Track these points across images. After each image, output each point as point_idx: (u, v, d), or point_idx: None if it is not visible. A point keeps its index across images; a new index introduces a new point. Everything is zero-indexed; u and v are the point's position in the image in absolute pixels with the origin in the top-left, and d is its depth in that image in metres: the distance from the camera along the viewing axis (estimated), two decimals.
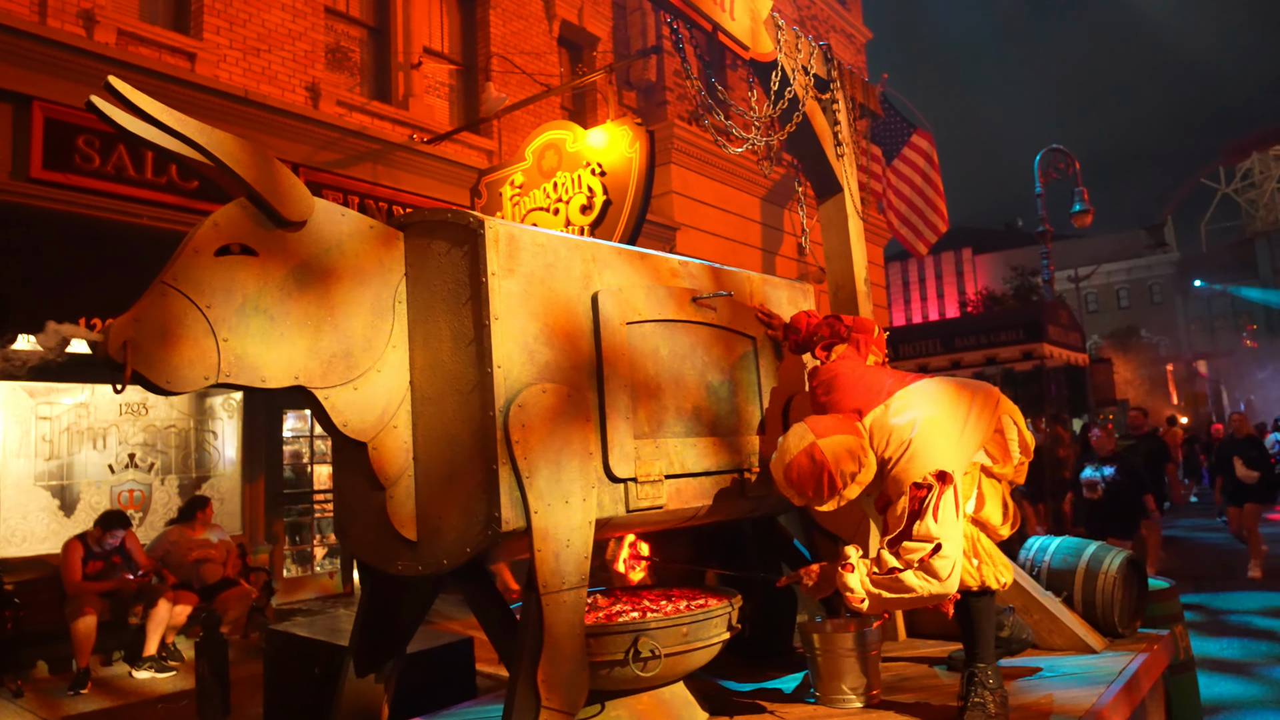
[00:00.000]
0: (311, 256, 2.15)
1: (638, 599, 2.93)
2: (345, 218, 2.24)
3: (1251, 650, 6.20)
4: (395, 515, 2.23)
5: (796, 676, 3.11)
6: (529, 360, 2.22)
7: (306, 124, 7.75)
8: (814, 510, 3.10)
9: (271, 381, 2.06)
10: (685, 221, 11.55)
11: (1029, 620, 3.29)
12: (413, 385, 2.28)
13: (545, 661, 2.09)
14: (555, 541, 2.16)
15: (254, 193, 2.06)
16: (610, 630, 2.52)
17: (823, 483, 2.42)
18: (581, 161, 7.40)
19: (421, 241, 2.31)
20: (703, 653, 2.66)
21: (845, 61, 17.05)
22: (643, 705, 2.65)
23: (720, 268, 2.97)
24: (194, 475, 7.77)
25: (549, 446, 2.18)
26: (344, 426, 2.17)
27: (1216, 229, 60.00)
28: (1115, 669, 2.91)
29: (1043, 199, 14.16)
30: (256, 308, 2.04)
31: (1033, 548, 3.59)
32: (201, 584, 6.59)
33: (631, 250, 2.63)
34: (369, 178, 8.21)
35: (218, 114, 7.03)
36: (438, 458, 2.23)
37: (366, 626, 2.52)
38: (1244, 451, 8.96)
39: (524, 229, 2.31)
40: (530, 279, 2.27)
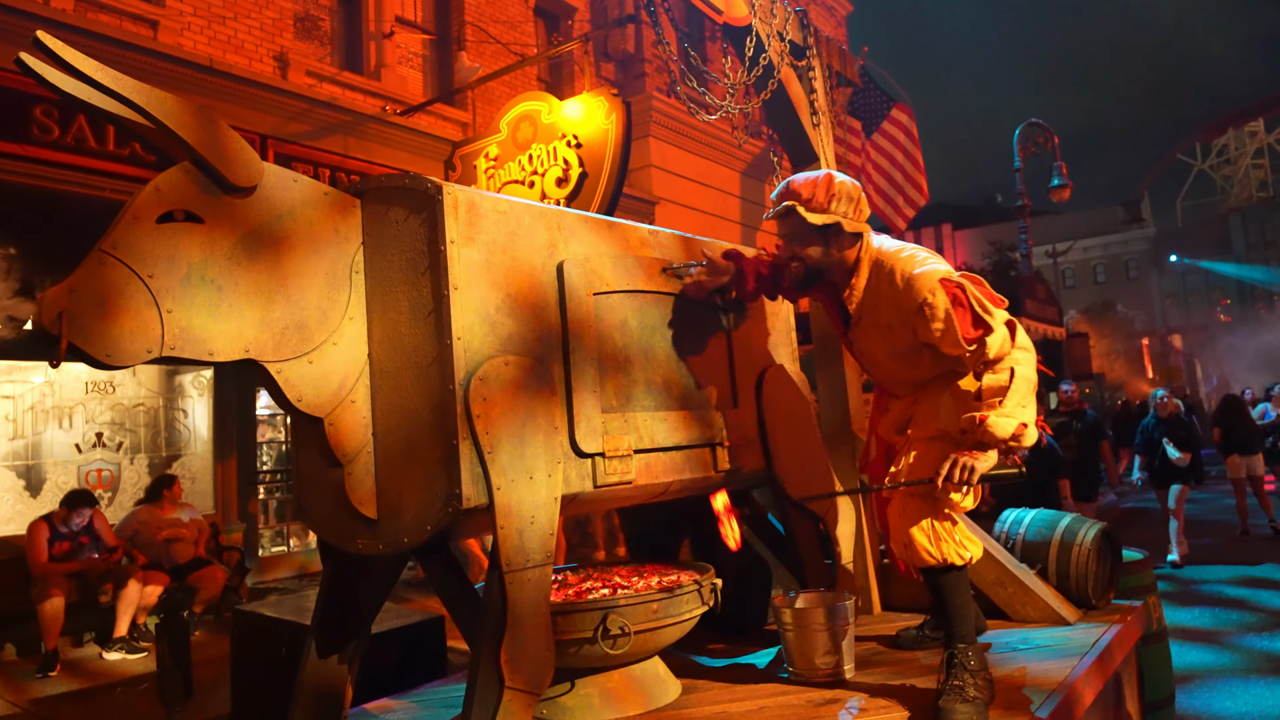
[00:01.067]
0: (262, 224, 2.05)
1: (609, 575, 2.89)
2: (298, 184, 2.15)
3: (1222, 619, 6.28)
4: (354, 493, 2.16)
5: (770, 652, 3.08)
6: (491, 332, 2.15)
7: (275, 94, 7.57)
8: (787, 485, 3.07)
9: (220, 355, 1.97)
10: (664, 196, 11.45)
11: (1003, 593, 3.28)
12: (371, 358, 2.20)
13: (508, 641, 2.03)
14: (519, 518, 2.10)
15: (198, 156, 1.95)
16: (578, 608, 2.48)
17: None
18: (557, 133, 7.28)
19: (379, 209, 2.22)
20: (674, 629, 2.63)
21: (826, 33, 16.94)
22: (613, 683, 2.61)
23: (691, 237, 2.90)
24: (164, 454, 7.64)
25: (512, 421, 2.11)
26: (298, 402, 2.08)
27: (1192, 205, 60.57)
28: (1089, 641, 2.90)
29: (1021, 173, 14.16)
30: (203, 277, 1.94)
31: (1008, 520, 3.57)
32: (172, 564, 6.49)
33: (599, 219, 2.55)
34: (340, 150, 8.04)
35: (181, 83, 6.85)
36: (397, 433, 2.15)
37: (328, 606, 2.46)
38: (1173, 433, 8.61)
39: (485, 195, 2.22)
40: (492, 247, 2.19)
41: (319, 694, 2.43)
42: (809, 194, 2.43)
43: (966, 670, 2.35)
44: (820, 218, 2.42)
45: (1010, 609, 3.26)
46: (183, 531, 6.65)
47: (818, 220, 2.41)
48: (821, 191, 2.42)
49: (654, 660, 2.73)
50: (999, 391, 2.27)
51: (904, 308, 2.42)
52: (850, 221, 2.44)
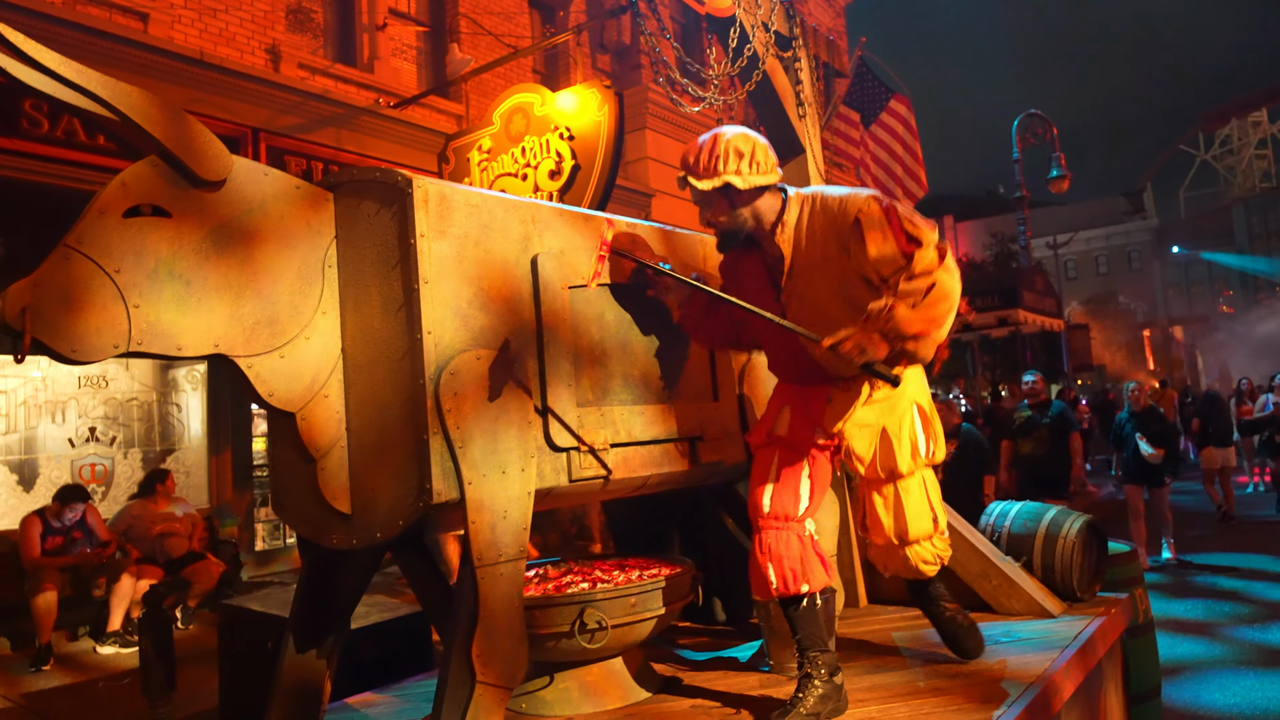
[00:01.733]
0: (231, 218, 2.04)
1: (590, 570, 2.88)
2: (268, 177, 2.13)
3: (1215, 611, 6.28)
4: (327, 487, 2.15)
5: (753, 645, 3.08)
6: (462, 325, 2.13)
7: (266, 87, 7.55)
8: None
9: (189, 350, 1.96)
10: (660, 188, 11.41)
11: (988, 586, 3.28)
12: (345, 352, 2.19)
13: (480, 636, 2.03)
14: (491, 513, 2.09)
15: (165, 150, 1.94)
16: (556, 602, 2.48)
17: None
18: (550, 125, 7.25)
19: (351, 202, 2.21)
20: (653, 623, 2.62)
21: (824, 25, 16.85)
22: (592, 676, 2.61)
23: (671, 229, 2.88)
24: (158, 448, 7.64)
25: (484, 415, 2.10)
26: (269, 396, 2.08)
27: (1195, 195, 60.35)
28: (1071, 633, 2.90)
29: (1020, 165, 14.11)
30: (171, 272, 1.93)
31: (993, 513, 3.57)
32: (166, 558, 6.50)
33: (574, 211, 2.53)
34: (333, 143, 8.02)
35: (172, 76, 6.84)
36: (370, 428, 2.14)
37: (306, 601, 2.45)
38: (1146, 426, 8.07)
39: (456, 188, 2.21)
40: (464, 241, 2.17)
41: (297, 688, 2.42)
42: (694, 162, 2.35)
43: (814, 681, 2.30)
44: (708, 183, 2.33)
45: (995, 602, 3.25)
46: (176, 526, 6.66)
47: (705, 186, 2.33)
48: (705, 156, 2.33)
49: (634, 653, 2.73)
50: (915, 294, 2.16)
51: (840, 228, 2.31)
52: (747, 177, 2.32)
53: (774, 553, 2.38)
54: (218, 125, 7.19)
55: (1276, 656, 5.12)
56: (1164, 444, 8.04)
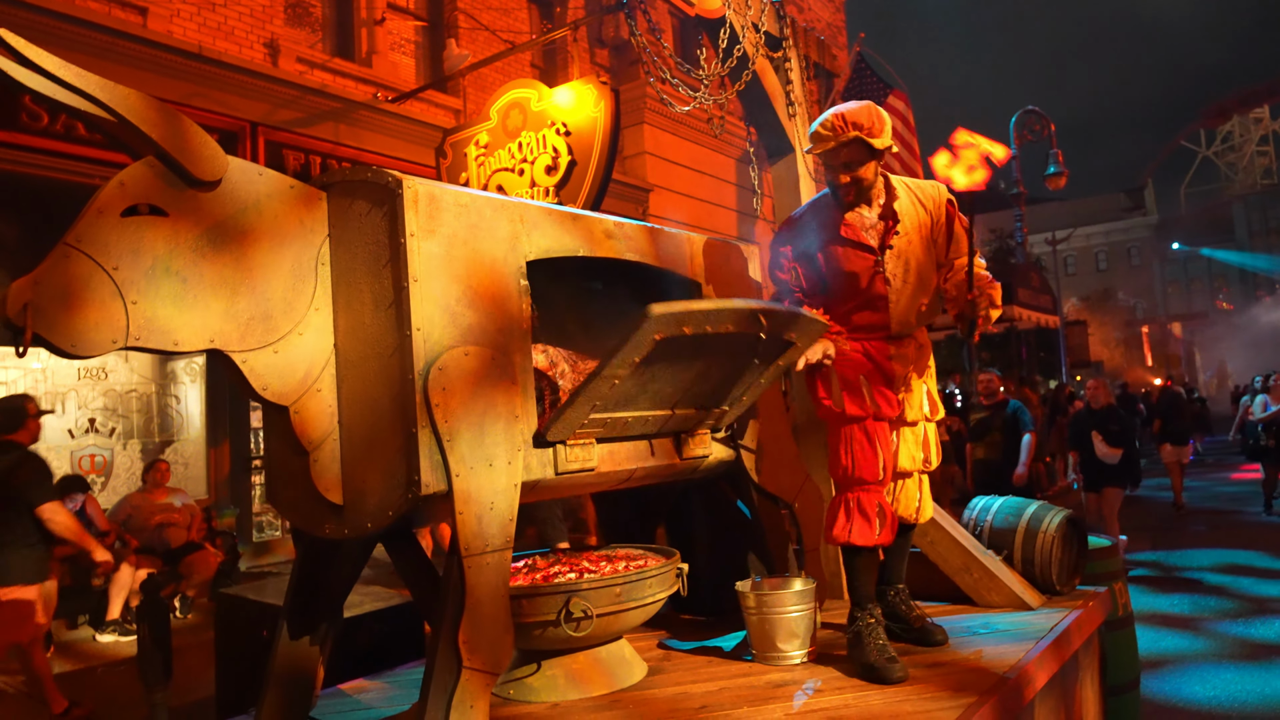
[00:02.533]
0: (227, 217, 2.10)
1: (577, 560, 2.95)
2: (263, 177, 2.19)
3: (1200, 606, 6.35)
4: (320, 479, 2.22)
5: (739, 635, 3.14)
6: (451, 323, 2.20)
7: (265, 81, 7.59)
8: (755, 473, 3.13)
9: (185, 345, 2.02)
10: (658, 183, 11.47)
11: (969, 579, 3.35)
12: (337, 348, 2.25)
13: (466, 623, 2.09)
14: (478, 504, 2.15)
15: (162, 151, 2.00)
16: (542, 591, 2.54)
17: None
18: (546, 121, 7.30)
19: (344, 202, 2.27)
20: (638, 612, 2.69)
21: (824, 18, 16.87)
22: (578, 664, 2.68)
23: (657, 228, 2.94)
24: (157, 439, 7.71)
25: (471, 409, 2.17)
26: (263, 391, 2.14)
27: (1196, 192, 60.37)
28: (1047, 626, 2.96)
29: (1017, 161, 14.16)
30: (167, 270, 1.99)
31: (976, 507, 3.63)
32: (165, 548, 6.58)
33: (563, 211, 2.59)
34: (331, 137, 8.07)
35: (171, 71, 6.88)
36: (361, 421, 2.21)
37: (300, 589, 2.52)
38: (1104, 425, 7.63)
39: (446, 189, 2.26)
40: (452, 240, 2.23)
41: (291, 675, 2.49)
42: (867, 124, 2.68)
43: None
44: (878, 142, 2.70)
45: (976, 594, 3.32)
46: (175, 516, 6.74)
47: (879, 144, 2.70)
48: (876, 121, 2.70)
49: (620, 642, 2.80)
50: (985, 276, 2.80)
51: (936, 202, 2.85)
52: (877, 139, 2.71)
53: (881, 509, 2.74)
54: (216, 119, 7.26)
55: (1258, 651, 5.19)
56: (1122, 445, 7.64)
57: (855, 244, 2.78)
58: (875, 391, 2.78)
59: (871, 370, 2.82)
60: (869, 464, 2.73)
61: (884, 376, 2.83)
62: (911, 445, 2.92)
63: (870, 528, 2.72)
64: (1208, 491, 13.48)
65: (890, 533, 2.75)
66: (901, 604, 2.99)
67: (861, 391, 2.75)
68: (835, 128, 2.68)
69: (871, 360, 2.83)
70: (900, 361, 2.86)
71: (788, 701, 2.44)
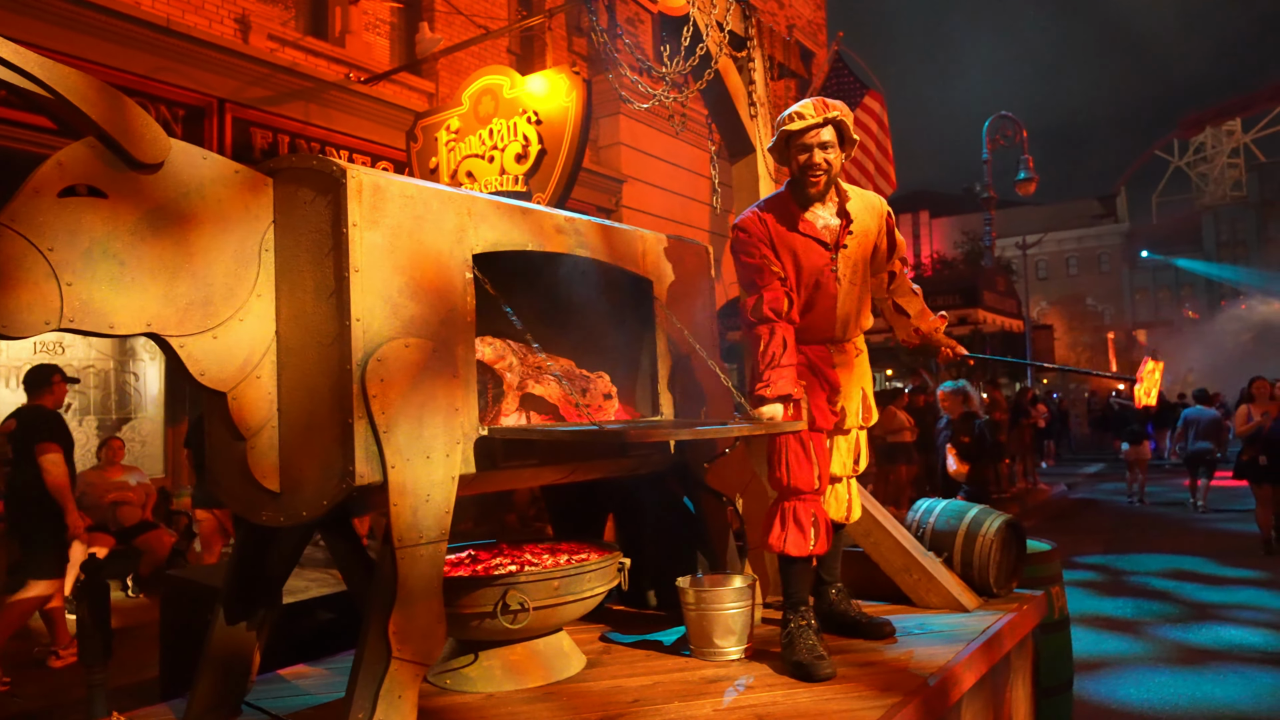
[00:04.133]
0: (168, 200, 2.09)
1: (520, 553, 2.97)
2: (207, 161, 2.18)
3: (1144, 610, 6.50)
4: (257, 466, 2.22)
5: (679, 630, 3.18)
6: (392, 314, 2.20)
7: (234, 58, 7.49)
8: (700, 468, 3.16)
9: (121, 328, 2.01)
10: (632, 174, 11.46)
11: (909, 580, 3.41)
12: (278, 335, 2.25)
13: (398, 614, 2.11)
14: (414, 496, 2.17)
15: (103, 132, 1.98)
16: (480, 583, 2.56)
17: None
18: (518, 109, 7.25)
19: (290, 189, 2.26)
20: (576, 606, 2.72)
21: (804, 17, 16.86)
22: (516, 656, 2.70)
23: (610, 224, 2.96)
24: (114, 416, 7.62)
25: (410, 401, 2.18)
26: (201, 375, 2.14)
27: (1168, 201, 61.27)
28: (980, 628, 3.03)
29: (989, 165, 14.31)
30: (105, 252, 1.98)
31: (919, 509, 3.70)
32: (119, 526, 6.51)
33: (512, 204, 2.60)
34: (300, 116, 7.98)
35: (137, 43, 6.77)
36: (300, 409, 2.21)
37: (238, 574, 2.52)
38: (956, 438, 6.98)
39: (392, 179, 2.27)
40: (397, 231, 2.24)
41: (227, 659, 2.49)
42: (845, 113, 2.81)
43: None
44: (851, 134, 2.82)
45: (915, 595, 3.38)
46: (130, 495, 6.67)
47: (852, 135, 2.82)
48: (849, 116, 2.83)
49: (559, 634, 2.83)
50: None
51: (879, 215, 2.95)
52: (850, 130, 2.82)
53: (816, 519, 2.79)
54: (183, 95, 7.16)
55: (1194, 656, 5.33)
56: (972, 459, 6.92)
57: (813, 239, 2.82)
58: (813, 404, 2.83)
59: (813, 381, 2.86)
60: (804, 474, 2.78)
61: (827, 385, 2.88)
62: (844, 453, 2.98)
63: (804, 538, 2.77)
64: (1163, 497, 13.77)
65: (825, 542, 2.81)
66: (843, 602, 3.08)
67: (800, 403, 2.78)
68: (816, 108, 2.75)
69: (814, 370, 2.87)
70: (843, 369, 2.92)
71: (718, 697, 2.48)
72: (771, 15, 14.11)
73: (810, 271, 2.81)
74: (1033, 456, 15.46)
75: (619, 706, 2.45)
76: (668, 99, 3.56)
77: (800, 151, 2.78)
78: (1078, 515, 12.21)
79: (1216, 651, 5.40)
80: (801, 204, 2.85)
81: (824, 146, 2.76)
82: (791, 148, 2.81)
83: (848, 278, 2.85)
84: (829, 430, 2.89)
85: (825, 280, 2.81)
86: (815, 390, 2.85)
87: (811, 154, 2.76)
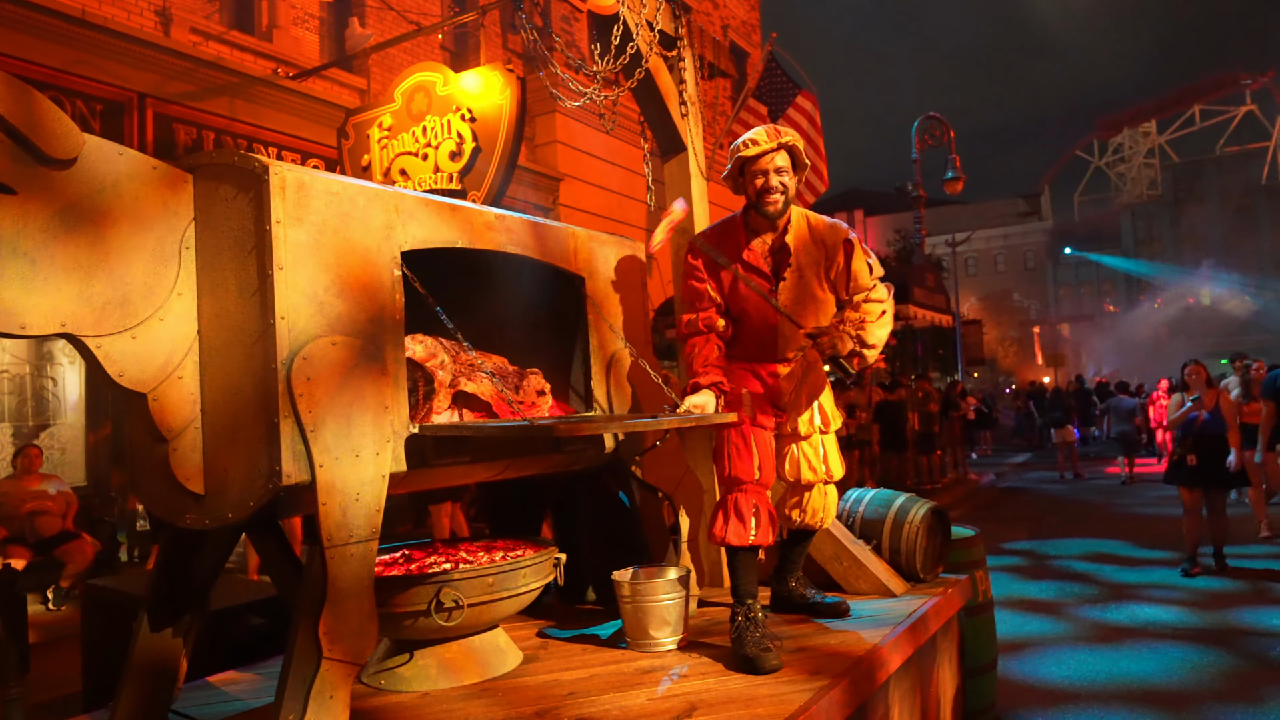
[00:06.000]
0: (82, 197, 2.03)
1: (454, 551, 2.96)
2: (123, 157, 2.12)
3: (1066, 592, 6.76)
4: (180, 468, 2.17)
5: (616, 624, 3.21)
6: (318, 312, 2.18)
7: (155, 51, 7.26)
8: (634, 463, 3.20)
9: (33, 329, 1.95)
10: (569, 172, 11.44)
11: (839, 568, 3.50)
12: (201, 334, 2.21)
13: (327, 614, 2.09)
14: (343, 495, 2.15)
15: (10, 127, 1.91)
16: (413, 581, 2.55)
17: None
18: (452, 106, 7.21)
19: (210, 185, 2.22)
20: (510, 602, 2.72)
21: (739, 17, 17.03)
22: (451, 654, 2.70)
23: (541, 222, 2.97)
24: (31, 423, 7.32)
25: (337, 400, 2.16)
26: (119, 377, 2.09)
27: (1089, 200, 63.66)
28: (906, 611, 3.13)
29: (918, 165, 14.68)
30: (15, 250, 1.92)
31: (849, 498, 3.79)
32: (37, 537, 6.26)
33: (441, 202, 2.59)
34: (226, 112, 7.78)
35: (52, 36, 6.53)
36: (224, 410, 2.17)
37: (162, 580, 2.46)
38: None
39: (317, 175, 2.24)
40: (322, 228, 2.22)
41: (151, 667, 2.43)
42: (795, 140, 2.89)
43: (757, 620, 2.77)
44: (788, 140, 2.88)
45: (845, 582, 3.47)
46: (49, 504, 6.41)
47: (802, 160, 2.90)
48: (774, 131, 2.89)
49: (495, 631, 2.83)
50: (873, 314, 2.91)
51: (831, 243, 2.94)
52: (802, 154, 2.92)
53: (757, 510, 2.82)
54: (101, 89, 6.92)
55: (1111, 634, 5.57)
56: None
57: (754, 269, 2.91)
58: (754, 402, 2.90)
59: (752, 380, 2.93)
60: (744, 465, 2.83)
61: (771, 393, 2.95)
62: (812, 458, 3.04)
63: (745, 528, 2.81)
64: (1085, 484, 14.32)
65: (767, 533, 2.83)
66: (801, 589, 3.23)
67: (741, 401, 2.86)
68: (769, 135, 2.84)
69: (759, 378, 2.95)
70: (789, 379, 2.98)
71: (653, 687, 2.52)
72: (706, 15, 14.22)
73: (749, 299, 2.90)
74: (962, 448, 15.93)
75: (554, 700, 2.47)
76: (599, 97, 3.58)
77: (756, 176, 2.87)
78: (1005, 503, 12.61)
79: (1133, 629, 5.65)
80: (755, 229, 2.95)
81: (778, 171, 2.85)
82: (747, 174, 2.89)
83: (790, 306, 2.89)
84: (769, 429, 2.94)
85: (768, 312, 2.89)
86: (753, 386, 2.93)
87: (767, 178, 2.85)
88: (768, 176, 2.85)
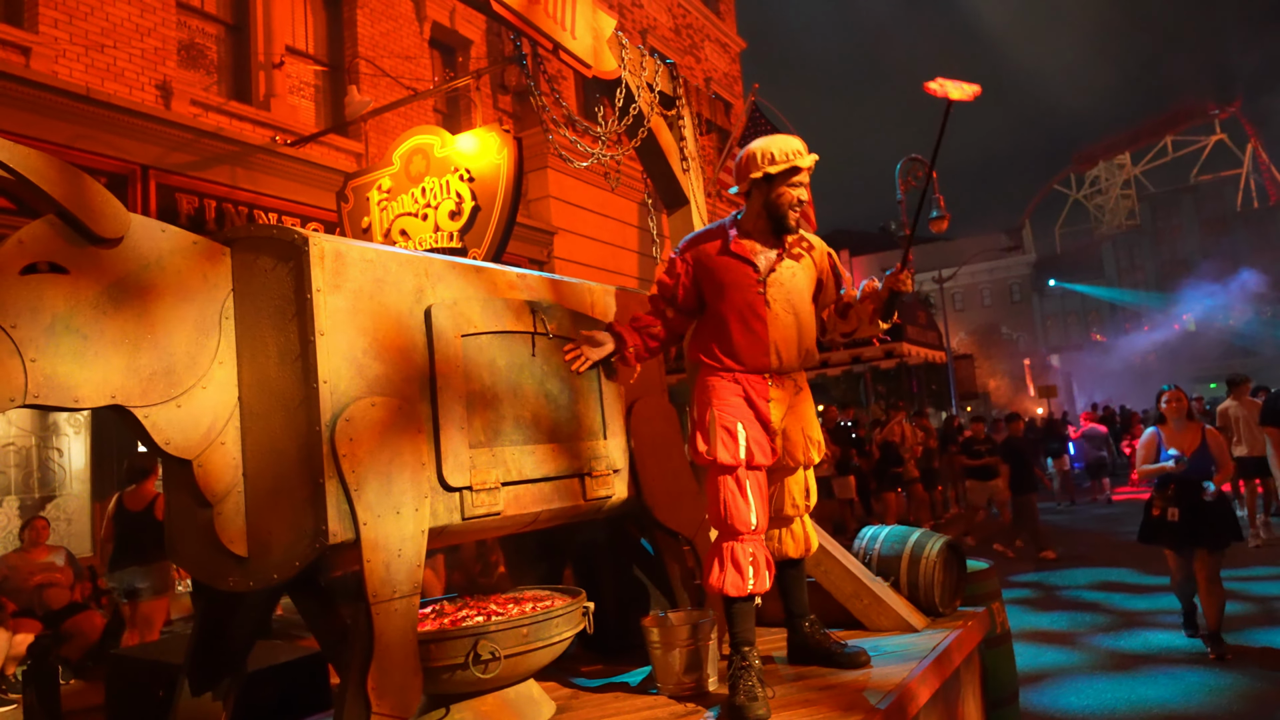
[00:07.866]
0: (129, 274, 2.13)
1: (485, 604, 3.00)
2: (166, 234, 2.23)
3: (1077, 622, 6.79)
4: (224, 532, 2.23)
5: (644, 670, 3.24)
6: (357, 374, 2.26)
7: (157, 124, 7.43)
8: (656, 511, 3.26)
9: (86, 401, 2.03)
10: (563, 226, 11.64)
11: (860, 605, 3.54)
12: (241, 401, 2.28)
13: (375, 669, 2.14)
14: (386, 551, 2.21)
15: (63, 209, 2.02)
16: (450, 635, 2.59)
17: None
18: (450, 167, 7.37)
19: (248, 257, 2.31)
20: (545, 652, 2.75)
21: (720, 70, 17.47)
22: (487, 706, 2.72)
23: (560, 279, 3.07)
24: (37, 495, 7.32)
25: (378, 459, 2.23)
26: (166, 445, 2.15)
27: (1069, 232, 64.72)
28: (929, 645, 3.17)
29: (903, 205, 14.95)
30: (68, 326, 2.00)
31: (865, 536, 3.85)
32: (45, 610, 6.22)
33: (466, 264, 2.70)
34: (227, 181, 7.93)
35: (56, 112, 6.68)
36: (266, 473, 2.24)
37: (201, 644, 2.50)
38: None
39: (352, 244, 2.34)
40: (358, 294, 2.31)
41: None
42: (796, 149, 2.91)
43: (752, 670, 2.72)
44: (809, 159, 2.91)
45: (866, 619, 3.52)
46: (56, 576, 6.39)
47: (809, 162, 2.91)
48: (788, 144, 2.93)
49: (528, 682, 2.86)
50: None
51: (819, 255, 3.06)
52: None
53: (754, 558, 2.79)
54: (105, 162, 7.06)
55: (1127, 661, 5.59)
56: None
57: (740, 258, 2.92)
58: (750, 438, 2.84)
59: (750, 416, 2.88)
60: (740, 514, 2.77)
61: (762, 420, 2.90)
62: (796, 493, 3.08)
63: (742, 579, 2.76)
64: (1086, 513, 14.36)
65: (764, 581, 2.80)
66: (816, 634, 3.13)
67: (737, 439, 2.82)
68: (794, 152, 2.87)
69: (750, 404, 2.90)
70: (777, 405, 2.93)
71: None
72: (689, 69, 14.61)
73: (736, 289, 2.91)
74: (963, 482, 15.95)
75: None
76: (605, 157, 3.72)
77: (795, 187, 2.90)
78: (1007, 536, 12.62)
79: (1147, 656, 5.67)
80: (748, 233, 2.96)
81: (800, 185, 2.92)
82: (782, 182, 2.88)
83: (778, 302, 2.89)
84: (768, 466, 2.90)
85: (754, 301, 2.88)
86: (752, 424, 2.87)
87: (795, 192, 2.90)
88: (795, 191, 2.88)
